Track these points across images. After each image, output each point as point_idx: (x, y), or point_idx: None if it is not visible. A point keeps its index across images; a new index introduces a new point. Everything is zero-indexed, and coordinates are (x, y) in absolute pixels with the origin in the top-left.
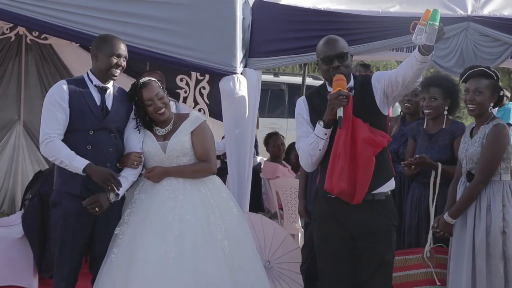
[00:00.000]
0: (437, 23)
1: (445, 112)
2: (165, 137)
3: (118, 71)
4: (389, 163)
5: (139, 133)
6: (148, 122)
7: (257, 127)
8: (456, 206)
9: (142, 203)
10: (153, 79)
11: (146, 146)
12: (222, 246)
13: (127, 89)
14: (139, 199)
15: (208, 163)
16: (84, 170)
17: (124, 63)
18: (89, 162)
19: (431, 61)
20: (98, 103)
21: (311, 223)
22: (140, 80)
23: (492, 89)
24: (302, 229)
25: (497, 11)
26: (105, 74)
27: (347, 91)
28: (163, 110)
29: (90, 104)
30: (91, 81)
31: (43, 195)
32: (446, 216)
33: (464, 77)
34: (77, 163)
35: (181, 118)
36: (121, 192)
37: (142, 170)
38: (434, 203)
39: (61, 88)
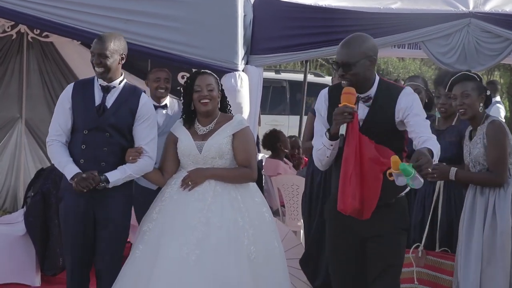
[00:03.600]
0: (411, 173)
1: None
2: (204, 137)
3: (98, 69)
4: None
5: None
6: (192, 112)
7: (259, 124)
8: (466, 176)
9: (171, 202)
10: (214, 74)
11: (182, 144)
12: (248, 251)
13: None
14: (169, 198)
15: (250, 169)
16: (71, 179)
17: (104, 61)
18: (77, 172)
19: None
20: (98, 102)
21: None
22: (202, 70)
23: (478, 90)
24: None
25: (499, 7)
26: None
27: (354, 106)
28: (207, 100)
29: (87, 104)
30: (98, 81)
31: (45, 192)
32: (452, 169)
33: (448, 85)
34: (66, 173)
35: (224, 119)
36: (112, 181)
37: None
38: (440, 204)
39: (67, 90)
